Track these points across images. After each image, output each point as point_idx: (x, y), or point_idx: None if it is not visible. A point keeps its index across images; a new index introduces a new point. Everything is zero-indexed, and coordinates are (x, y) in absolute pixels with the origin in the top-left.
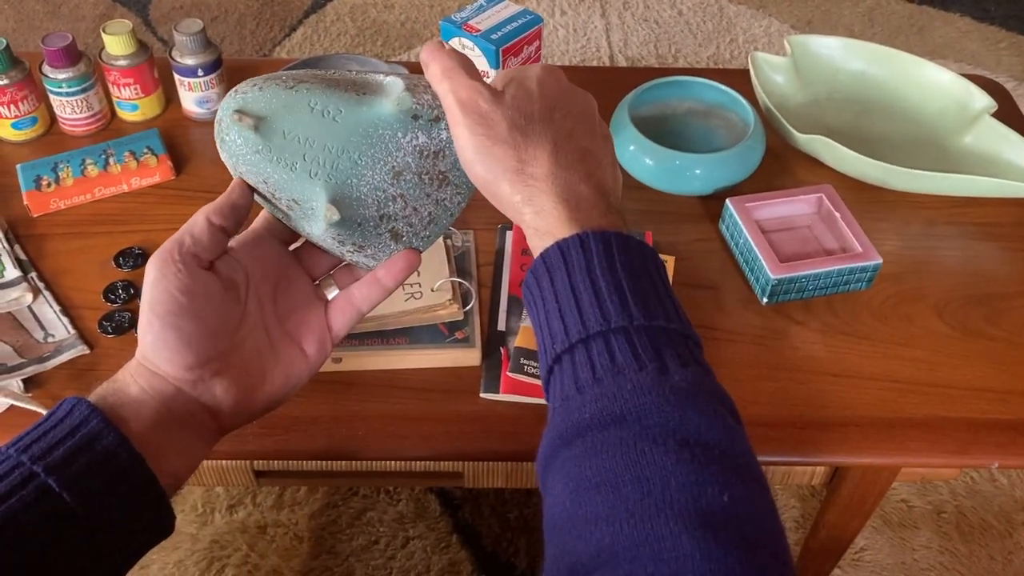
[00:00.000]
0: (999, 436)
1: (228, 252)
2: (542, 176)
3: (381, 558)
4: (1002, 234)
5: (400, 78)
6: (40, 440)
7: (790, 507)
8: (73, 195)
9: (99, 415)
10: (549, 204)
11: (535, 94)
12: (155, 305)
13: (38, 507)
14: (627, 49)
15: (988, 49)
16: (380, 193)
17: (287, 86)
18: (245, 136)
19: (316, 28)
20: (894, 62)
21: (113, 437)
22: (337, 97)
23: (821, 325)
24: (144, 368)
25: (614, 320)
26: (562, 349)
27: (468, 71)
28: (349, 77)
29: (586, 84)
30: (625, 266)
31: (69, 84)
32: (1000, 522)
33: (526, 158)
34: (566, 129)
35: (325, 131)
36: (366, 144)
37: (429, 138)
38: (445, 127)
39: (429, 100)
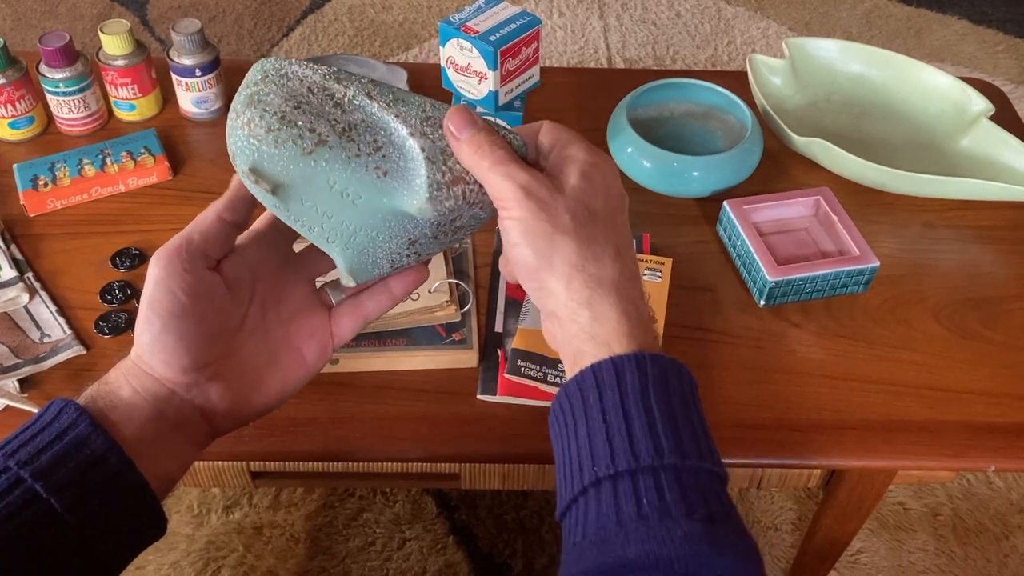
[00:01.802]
0: (996, 439)
1: (234, 251)
2: (608, 281)
3: (377, 559)
4: (999, 237)
5: (425, 161)
6: (27, 444)
7: (786, 509)
8: (70, 195)
9: (87, 418)
10: (612, 314)
11: (599, 190)
12: (156, 305)
13: (25, 513)
14: (625, 51)
15: (986, 52)
16: (396, 256)
17: (304, 149)
18: (260, 193)
19: (314, 28)
20: (892, 65)
21: (102, 441)
22: (358, 179)
23: (818, 328)
24: (138, 369)
25: (667, 456)
26: (605, 474)
27: (514, 156)
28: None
29: (584, 86)
30: (677, 396)
31: (66, 84)
32: (996, 525)
33: (589, 256)
34: (626, 237)
35: (344, 210)
36: (384, 226)
37: (449, 215)
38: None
39: (451, 204)
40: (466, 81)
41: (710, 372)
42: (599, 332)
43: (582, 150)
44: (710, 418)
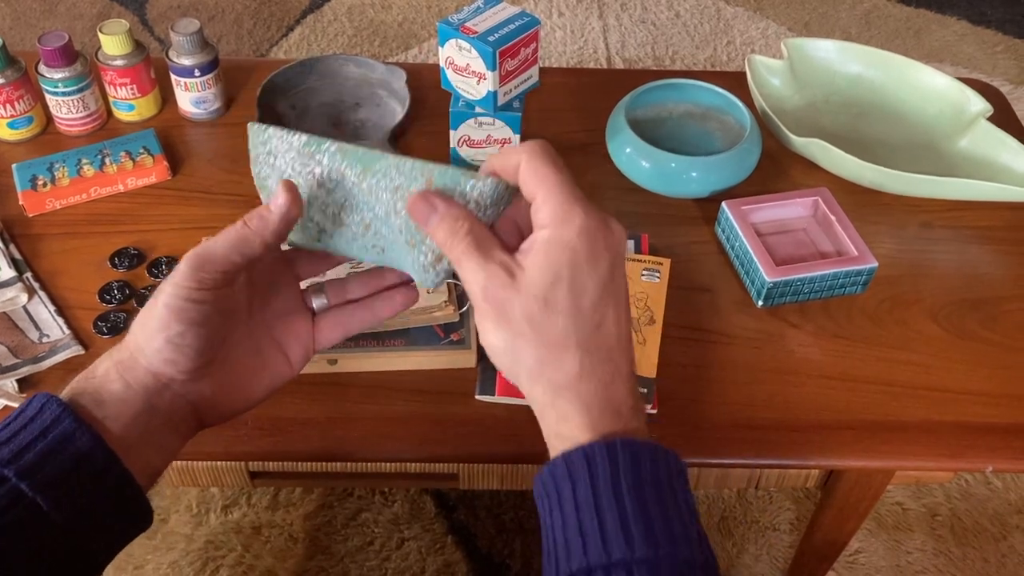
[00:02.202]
0: (993, 440)
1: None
2: (565, 384)
3: (376, 559)
4: (997, 238)
5: (406, 246)
6: (10, 441)
7: (784, 509)
8: (69, 195)
9: (71, 414)
10: (573, 411)
11: (563, 274)
12: (181, 312)
13: (11, 512)
14: (624, 51)
15: (984, 53)
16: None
17: (312, 237)
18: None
19: (314, 28)
20: (890, 65)
21: (87, 438)
22: (363, 254)
23: (816, 328)
24: (134, 362)
25: (638, 549)
26: (578, 568)
27: (477, 241)
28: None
29: (583, 86)
30: (652, 482)
31: (65, 84)
32: (994, 525)
33: (548, 360)
34: (595, 320)
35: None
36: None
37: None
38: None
39: (443, 276)
40: (465, 81)
41: (708, 372)
42: (564, 430)
43: (553, 218)
44: (709, 418)
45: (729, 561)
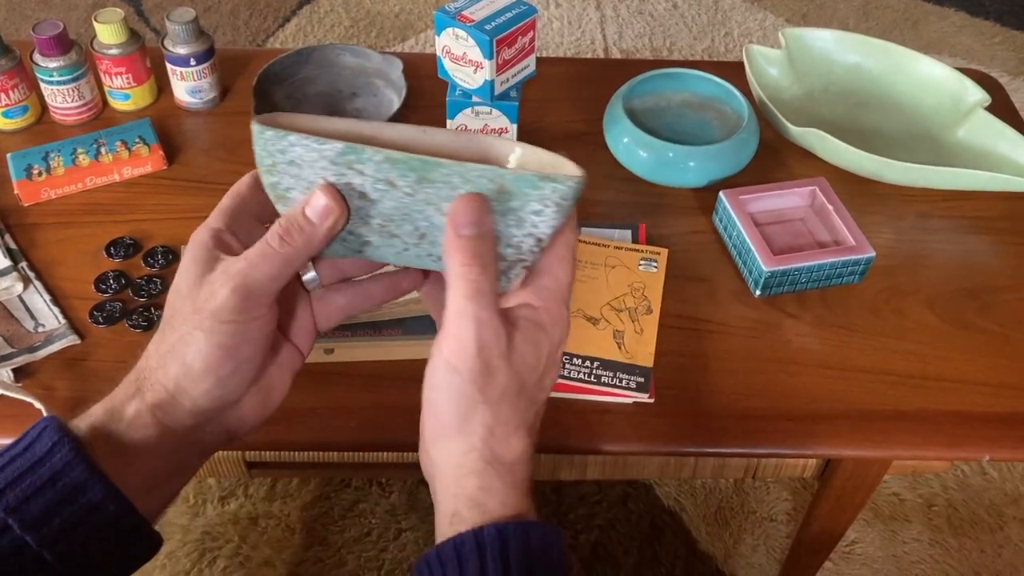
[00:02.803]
0: (990, 429)
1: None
2: (508, 461)
3: (373, 550)
4: (995, 227)
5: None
6: (15, 485)
7: (782, 500)
8: (64, 184)
9: (83, 461)
10: (500, 486)
11: (541, 359)
12: (232, 349)
13: (11, 561)
14: (622, 42)
15: (982, 44)
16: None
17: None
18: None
19: (310, 19)
20: (888, 55)
21: (100, 489)
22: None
23: (813, 318)
24: (177, 405)
25: None
26: None
27: (491, 290)
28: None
29: (580, 76)
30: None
31: (60, 73)
32: (990, 515)
33: (499, 434)
34: (542, 399)
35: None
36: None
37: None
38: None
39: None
40: (461, 70)
41: (705, 362)
42: (484, 501)
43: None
44: (706, 407)
45: (726, 552)
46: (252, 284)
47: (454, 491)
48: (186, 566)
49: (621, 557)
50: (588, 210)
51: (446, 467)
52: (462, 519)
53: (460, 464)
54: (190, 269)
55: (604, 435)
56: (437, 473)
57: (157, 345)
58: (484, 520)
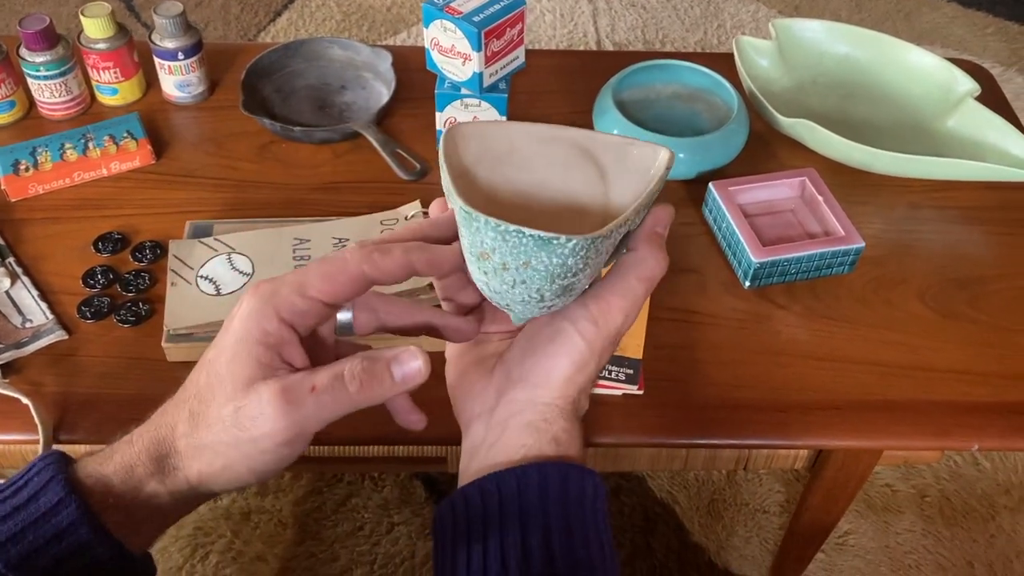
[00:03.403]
0: (979, 418)
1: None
2: (581, 414)
3: (366, 544)
4: (984, 218)
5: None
6: (18, 540)
7: (774, 492)
8: (52, 180)
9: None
10: (578, 436)
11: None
12: (263, 468)
13: None
14: (614, 34)
15: (974, 35)
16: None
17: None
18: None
19: (301, 13)
20: (878, 46)
21: (106, 549)
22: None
23: (803, 309)
24: (192, 492)
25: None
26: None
27: (652, 289)
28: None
29: (570, 68)
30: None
31: (47, 68)
32: (983, 505)
33: (587, 391)
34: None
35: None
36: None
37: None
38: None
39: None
40: (450, 63)
41: (695, 353)
42: (567, 443)
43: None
44: (695, 399)
45: (719, 544)
46: (309, 426)
47: (538, 425)
48: (178, 561)
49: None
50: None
51: (535, 405)
52: (539, 452)
53: (554, 403)
54: (241, 364)
55: (593, 427)
56: (513, 410)
57: (186, 433)
58: (559, 456)
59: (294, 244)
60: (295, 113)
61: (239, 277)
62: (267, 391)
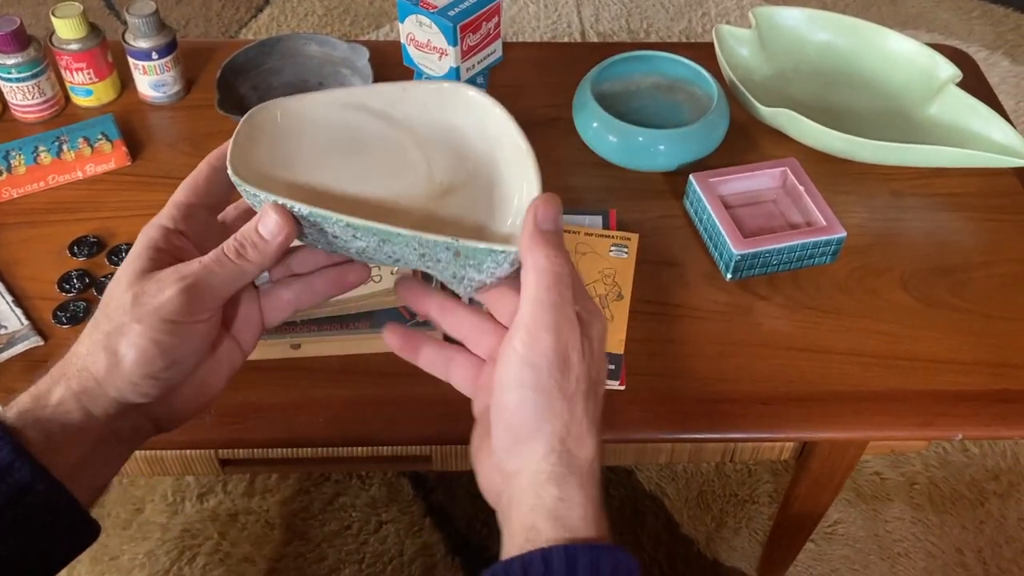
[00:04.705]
0: (963, 407)
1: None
2: (583, 464)
3: (354, 543)
4: (968, 205)
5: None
6: None
7: (763, 482)
8: (25, 183)
9: (9, 443)
10: (579, 498)
11: (599, 353)
12: (169, 348)
13: None
14: (598, 24)
15: (960, 19)
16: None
17: (333, 255)
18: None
19: (283, 8)
20: (859, 32)
21: (27, 470)
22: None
23: (786, 300)
24: (102, 392)
25: None
26: None
27: (569, 288)
28: (381, 256)
29: (549, 61)
30: None
31: (19, 70)
32: (972, 492)
33: (575, 433)
34: (602, 394)
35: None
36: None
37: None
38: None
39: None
40: (426, 58)
41: (677, 347)
42: (565, 514)
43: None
44: (678, 393)
45: (708, 535)
46: (203, 288)
47: (532, 502)
48: (165, 564)
49: None
50: (558, 196)
51: (522, 478)
52: (539, 532)
53: (538, 470)
54: (135, 263)
55: None
56: (512, 487)
57: (90, 332)
58: (564, 535)
59: None
60: None
61: None
62: (162, 272)
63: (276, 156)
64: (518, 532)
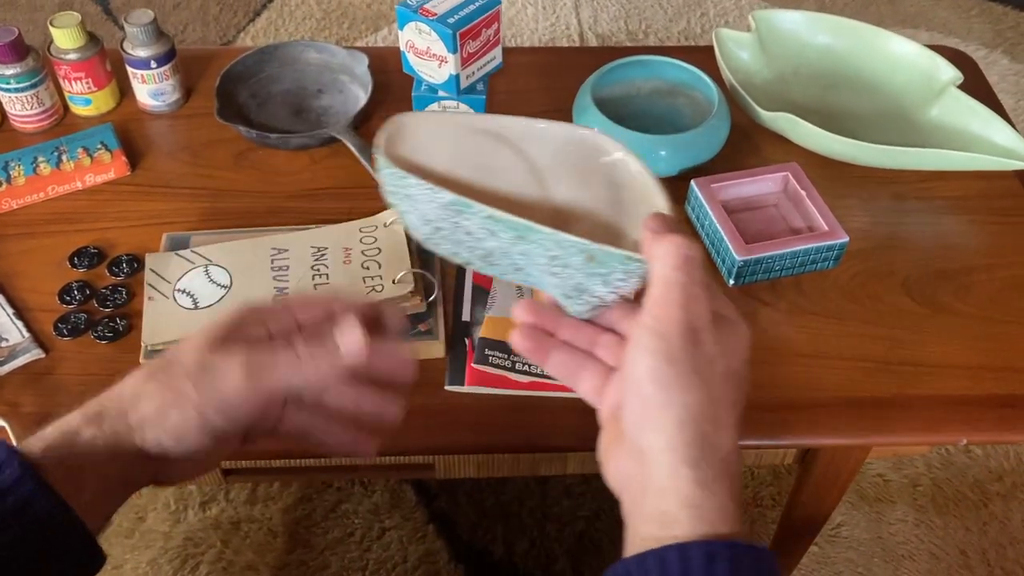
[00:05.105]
0: (966, 412)
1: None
2: (721, 451)
3: (357, 550)
4: (970, 207)
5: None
6: None
7: (766, 484)
8: (25, 194)
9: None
10: (717, 487)
11: (741, 349)
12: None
13: None
14: (597, 26)
15: (959, 17)
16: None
17: (456, 262)
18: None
19: (281, 12)
20: (859, 35)
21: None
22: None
23: (789, 305)
24: (129, 439)
25: None
26: None
27: (699, 268)
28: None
29: (549, 66)
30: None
31: (18, 80)
32: (975, 493)
33: (709, 414)
34: (743, 400)
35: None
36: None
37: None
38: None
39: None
40: (426, 65)
41: None
42: (701, 503)
43: (728, 305)
44: None
45: None
46: (271, 385)
47: (665, 484)
48: (168, 573)
49: (607, 547)
50: None
51: (653, 457)
52: (674, 521)
53: (671, 447)
54: (213, 330)
55: (578, 432)
56: (644, 468)
57: (143, 380)
58: (701, 528)
59: (272, 254)
60: (272, 119)
61: (217, 290)
62: (235, 346)
63: (411, 160)
64: (650, 517)
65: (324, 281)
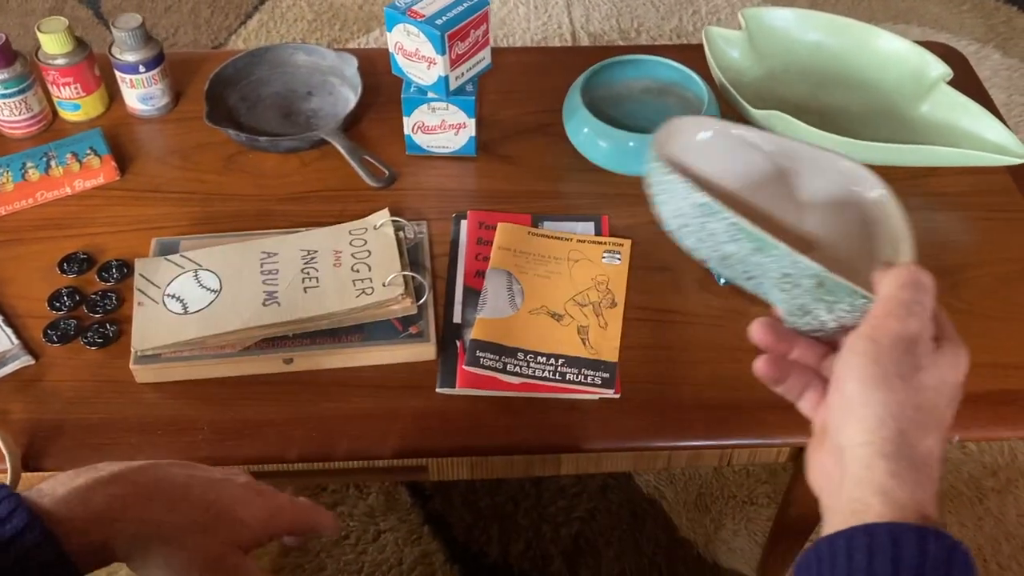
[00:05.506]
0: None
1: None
2: (920, 454)
3: (352, 553)
4: (961, 203)
5: (784, 312)
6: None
7: (761, 482)
8: (14, 200)
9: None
10: (913, 477)
11: (959, 375)
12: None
13: None
14: (589, 25)
15: (951, 12)
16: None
17: (696, 257)
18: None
19: (272, 14)
20: (849, 32)
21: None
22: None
23: None
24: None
25: None
26: None
27: (929, 293)
28: (742, 265)
29: (540, 66)
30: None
31: (5, 85)
32: (970, 489)
33: (911, 418)
34: (948, 423)
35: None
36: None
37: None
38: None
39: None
40: (415, 66)
41: (672, 353)
42: (894, 490)
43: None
44: (673, 399)
45: (707, 537)
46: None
47: (861, 475)
48: None
49: (602, 548)
50: (550, 203)
51: (852, 451)
52: (867, 507)
53: (869, 441)
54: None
55: (571, 433)
56: (843, 464)
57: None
58: (890, 511)
59: (262, 258)
60: (262, 122)
61: (206, 294)
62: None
63: (678, 158)
64: (845, 505)
65: (314, 284)
